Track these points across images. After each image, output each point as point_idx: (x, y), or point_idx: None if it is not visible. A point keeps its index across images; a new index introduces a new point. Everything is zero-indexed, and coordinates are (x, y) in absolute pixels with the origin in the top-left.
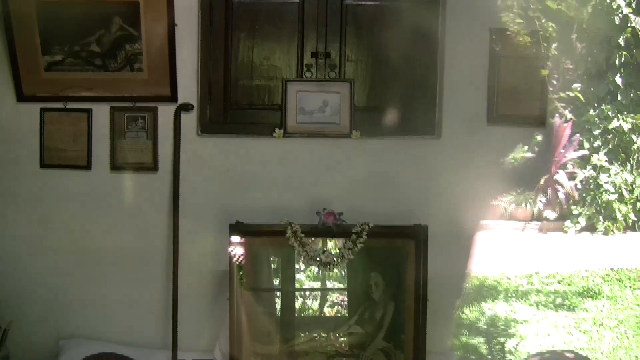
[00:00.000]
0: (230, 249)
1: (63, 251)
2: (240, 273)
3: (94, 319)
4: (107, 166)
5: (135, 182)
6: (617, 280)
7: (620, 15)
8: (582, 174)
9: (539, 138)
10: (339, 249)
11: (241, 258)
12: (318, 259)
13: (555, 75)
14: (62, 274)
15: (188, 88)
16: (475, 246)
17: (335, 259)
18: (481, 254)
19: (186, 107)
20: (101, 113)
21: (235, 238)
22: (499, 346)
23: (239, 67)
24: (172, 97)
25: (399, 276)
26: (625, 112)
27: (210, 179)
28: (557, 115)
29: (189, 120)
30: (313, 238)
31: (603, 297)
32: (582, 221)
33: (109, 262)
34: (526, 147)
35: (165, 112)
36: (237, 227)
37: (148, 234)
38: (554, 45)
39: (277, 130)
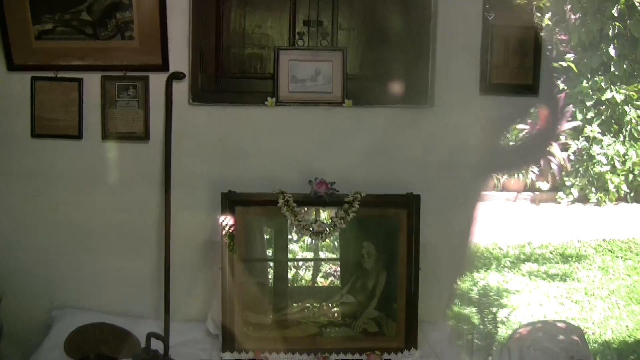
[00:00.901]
0: (222, 218)
1: (55, 222)
2: (232, 243)
3: (86, 290)
4: (99, 136)
5: (127, 152)
6: (609, 250)
7: None
8: (574, 145)
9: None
10: (331, 219)
11: (233, 228)
12: (310, 228)
13: (549, 47)
14: (54, 245)
15: (179, 56)
16: (476, 216)
17: (327, 229)
18: (475, 225)
19: (178, 75)
20: (92, 82)
21: (227, 207)
22: (491, 316)
23: (230, 36)
24: (164, 66)
25: (391, 245)
26: (619, 83)
27: (202, 148)
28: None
29: (181, 89)
30: (306, 208)
31: (594, 267)
32: (575, 192)
33: (101, 233)
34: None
35: (157, 81)
36: (229, 197)
37: (140, 203)
38: (547, 15)
39: (269, 99)
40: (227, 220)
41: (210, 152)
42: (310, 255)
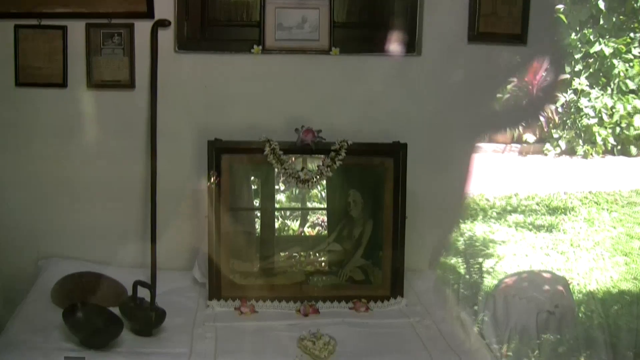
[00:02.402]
0: (208, 166)
1: (40, 172)
2: (219, 191)
3: (72, 240)
4: (84, 84)
5: (112, 100)
6: (595, 202)
7: None
8: (562, 98)
9: (519, 59)
10: (318, 167)
11: (219, 176)
12: (297, 176)
13: None
14: (39, 195)
15: (164, 4)
16: (471, 168)
17: (314, 177)
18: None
19: (163, 23)
20: (76, 30)
21: (214, 155)
22: (477, 266)
23: None
24: (149, 13)
25: (378, 194)
26: (607, 36)
27: (188, 96)
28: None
29: (166, 37)
30: (293, 158)
31: (580, 219)
32: (562, 144)
33: (87, 182)
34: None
35: (142, 29)
36: (215, 144)
37: (125, 152)
38: None
39: (255, 47)
40: (213, 169)
41: (196, 100)
42: (297, 205)
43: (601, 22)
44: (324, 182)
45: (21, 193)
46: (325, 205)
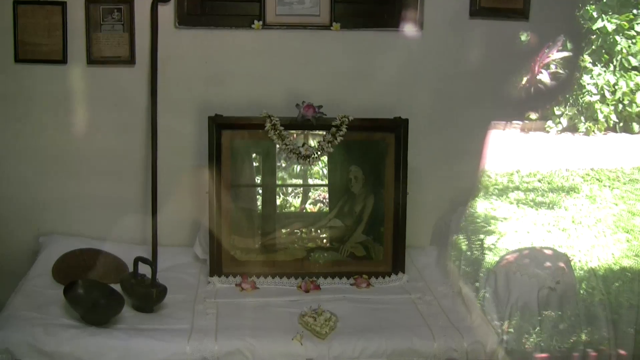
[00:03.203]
0: (209, 142)
1: (40, 148)
2: (220, 167)
3: (73, 216)
4: (84, 60)
5: (112, 76)
6: (597, 179)
7: None
8: (565, 74)
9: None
10: (319, 142)
11: (220, 152)
12: (298, 152)
13: None
14: (39, 171)
15: None
16: (487, 145)
17: (315, 152)
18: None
19: None
20: (76, 5)
21: (214, 131)
22: (478, 243)
23: None
24: None
25: (379, 170)
26: (610, 13)
27: (188, 72)
28: None
29: (166, 12)
30: (295, 135)
31: (582, 195)
32: (564, 121)
33: (88, 159)
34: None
35: (142, 4)
36: (215, 120)
37: (126, 128)
38: None
39: (255, 22)
40: (214, 145)
41: (197, 76)
42: (298, 182)
43: None
44: (325, 158)
45: (22, 168)
46: (327, 182)
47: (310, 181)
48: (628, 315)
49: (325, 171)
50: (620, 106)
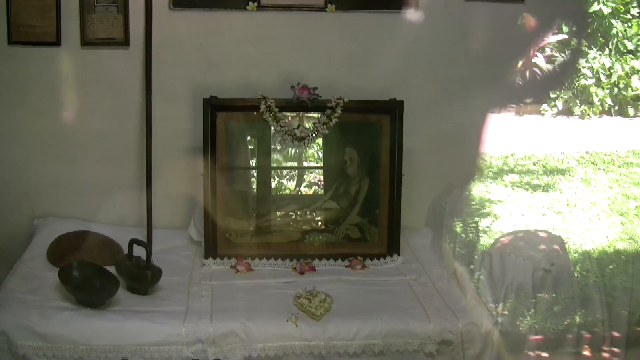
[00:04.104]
0: (204, 124)
1: (34, 131)
2: (214, 149)
3: (68, 199)
4: (78, 42)
5: (107, 58)
6: (592, 162)
7: None
8: (560, 58)
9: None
10: (314, 124)
11: (215, 134)
12: (292, 133)
13: None
14: (35, 154)
15: None
16: (486, 128)
17: (310, 134)
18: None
19: None
20: None
21: (209, 113)
22: (473, 225)
23: None
24: None
25: (374, 152)
26: None
27: (183, 54)
28: None
29: None
30: (290, 117)
31: (577, 179)
32: (559, 105)
33: (82, 142)
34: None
35: None
36: (210, 102)
37: (120, 110)
38: None
39: (250, 3)
40: (209, 127)
41: (191, 58)
42: (293, 164)
43: None
44: (320, 140)
45: (16, 151)
46: (321, 164)
47: (305, 164)
48: (622, 298)
49: (321, 154)
50: (616, 90)
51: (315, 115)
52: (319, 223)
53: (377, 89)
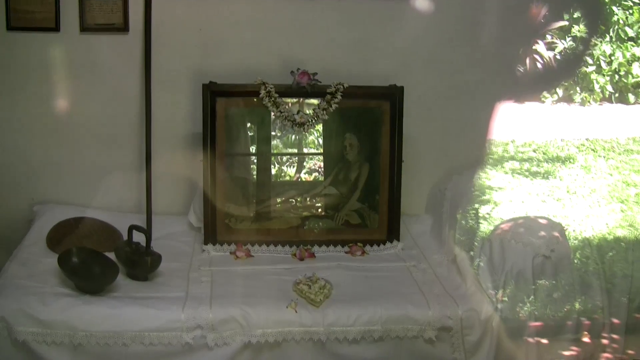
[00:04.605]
0: (203, 110)
1: (33, 117)
2: (214, 135)
3: (68, 185)
4: (77, 28)
5: (106, 44)
6: (592, 150)
7: None
8: (561, 45)
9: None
10: (314, 110)
11: (215, 119)
12: (292, 119)
13: None
14: (34, 140)
15: None
16: (494, 116)
17: (309, 119)
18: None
19: None
20: None
21: (209, 99)
22: (473, 212)
23: None
24: None
25: (374, 137)
26: None
27: (182, 39)
28: None
29: None
30: (290, 104)
31: (577, 166)
32: (560, 92)
33: (81, 128)
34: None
35: None
36: (210, 88)
37: (120, 96)
38: None
39: None
40: (208, 112)
41: (191, 43)
42: (293, 151)
43: None
44: (320, 125)
45: (16, 137)
46: (321, 151)
47: (305, 150)
48: (622, 285)
49: (321, 141)
50: (617, 77)
51: (315, 101)
52: (319, 209)
53: (378, 75)
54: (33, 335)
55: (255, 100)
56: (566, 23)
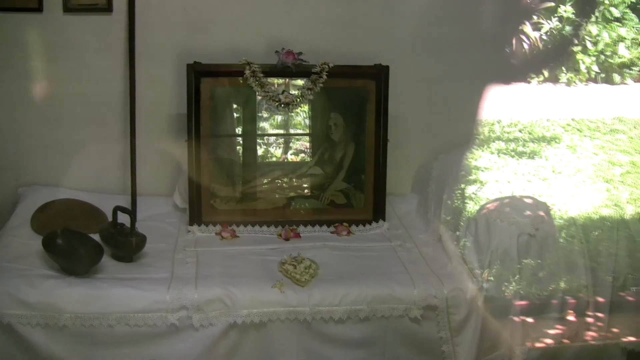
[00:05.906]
0: (187, 90)
1: (19, 98)
2: (199, 115)
3: (52, 167)
4: (60, 8)
5: (89, 24)
6: (577, 130)
7: None
8: (547, 25)
9: None
10: (299, 89)
11: (200, 100)
12: (277, 99)
13: None
14: (18, 122)
15: None
16: (480, 96)
17: (295, 99)
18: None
19: None
20: None
21: (193, 79)
22: (459, 192)
23: None
24: None
25: (360, 117)
26: None
27: (167, 19)
28: None
29: None
30: (276, 85)
31: (563, 145)
32: (545, 72)
33: (65, 109)
34: None
35: None
36: (194, 68)
37: (104, 77)
38: None
39: None
40: (193, 92)
41: (175, 23)
42: (279, 131)
43: None
44: (306, 105)
45: (0, 120)
46: (309, 131)
47: (292, 131)
48: (606, 264)
49: (308, 122)
50: (602, 57)
51: (301, 82)
52: (305, 189)
53: (363, 53)
54: (18, 317)
55: (240, 80)
56: (552, 4)
